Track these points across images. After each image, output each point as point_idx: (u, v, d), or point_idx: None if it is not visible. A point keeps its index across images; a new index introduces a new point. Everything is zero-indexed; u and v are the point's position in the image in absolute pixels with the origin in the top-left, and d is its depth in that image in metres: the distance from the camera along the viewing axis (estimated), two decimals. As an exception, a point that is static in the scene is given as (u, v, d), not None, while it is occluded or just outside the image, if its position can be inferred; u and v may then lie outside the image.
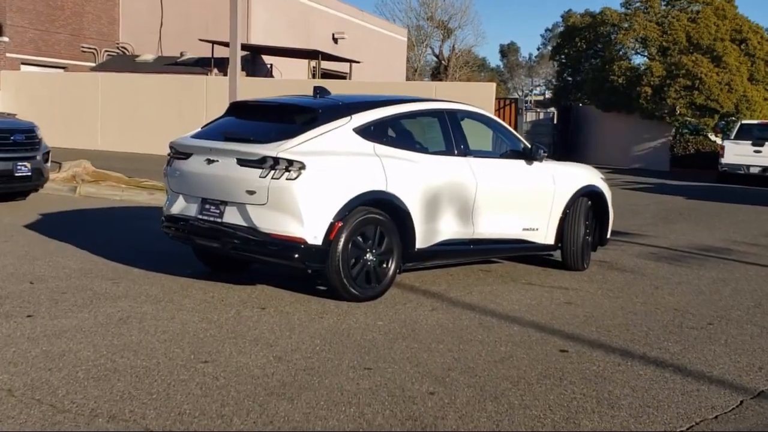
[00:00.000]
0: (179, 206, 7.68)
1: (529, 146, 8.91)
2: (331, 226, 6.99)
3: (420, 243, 7.68)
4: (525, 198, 8.72)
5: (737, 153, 26.02)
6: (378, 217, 7.31)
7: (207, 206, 7.39)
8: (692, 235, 13.45)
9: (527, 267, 9.47)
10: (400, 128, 7.87)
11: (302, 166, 6.85)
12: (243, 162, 7.05)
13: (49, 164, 13.10)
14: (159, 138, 25.83)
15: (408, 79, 57.63)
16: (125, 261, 8.65)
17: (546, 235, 8.98)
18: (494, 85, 23.85)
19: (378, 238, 7.36)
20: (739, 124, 27.77)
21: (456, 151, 8.13)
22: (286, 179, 6.84)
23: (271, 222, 6.95)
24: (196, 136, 7.79)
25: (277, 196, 6.88)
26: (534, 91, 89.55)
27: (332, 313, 6.91)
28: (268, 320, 6.57)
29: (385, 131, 7.66)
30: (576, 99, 38.79)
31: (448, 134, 8.14)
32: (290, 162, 6.86)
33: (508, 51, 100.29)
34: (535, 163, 8.85)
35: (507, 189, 8.54)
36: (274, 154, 6.90)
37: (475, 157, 8.27)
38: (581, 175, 9.38)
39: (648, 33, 33.40)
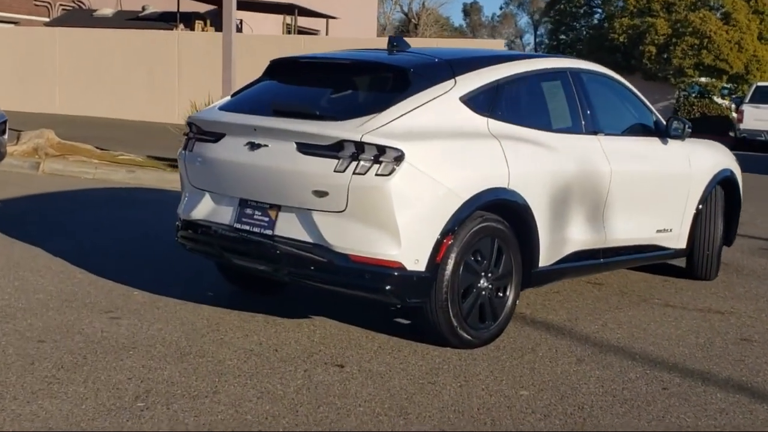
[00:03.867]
0: (204, 209, 5.36)
1: (663, 120, 6.71)
2: (439, 243, 4.75)
3: (544, 259, 5.47)
4: (660, 190, 6.54)
5: (758, 118, 24.04)
6: (496, 226, 5.08)
7: (249, 211, 5.09)
8: (781, 220, 11.39)
9: (643, 276, 7.29)
10: (516, 96, 5.59)
11: (400, 156, 4.58)
12: (308, 148, 4.76)
13: (5, 136, 10.57)
14: (125, 101, 23.22)
15: (378, 37, 54.86)
16: (119, 277, 6.32)
17: (679, 238, 6.81)
18: (502, 42, 21.60)
19: (495, 256, 5.12)
20: (754, 86, 25.78)
21: (584, 128, 5.91)
22: (377, 175, 4.57)
23: (351, 238, 4.69)
24: (228, 108, 5.44)
25: (361, 200, 4.61)
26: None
27: (443, 373, 4.67)
28: (358, 392, 4.32)
29: (500, 101, 5.37)
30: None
31: (574, 103, 5.90)
32: (382, 149, 4.59)
33: (470, 10, 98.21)
34: (670, 142, 6.64)
35: (642, 178, 6.35)
36: (357, 138, 4.61)
37: (605, 134, 6.05)
38: (716, 157, 7.20)
39: (650, -13, 31.22)
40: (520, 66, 5.61)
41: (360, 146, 4.61)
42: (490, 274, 5.11)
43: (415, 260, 4.69)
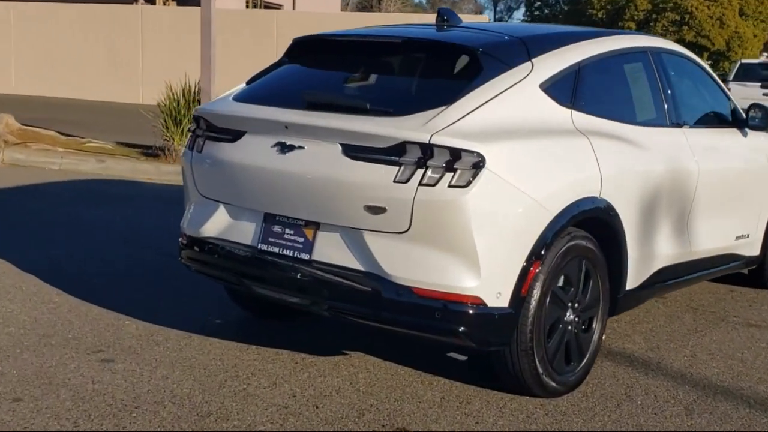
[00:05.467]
0: (217, 224, 4.31)
1: (741, 109, 5.79)
2: (525, 271, 3.76)
3: (631, 281, 4.53)
4: (741, 190, 5.64)
5: (744, 96, 23.24)
6: (585, 244, 4.10)
7: (277, 229, 4.06)
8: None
9: (706, 286, 6.37)
10: (599, 82, 4.58)
11: (479, 162, 3.57)
12: (358, 151, 3.73)
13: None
14: (86, 80, 21.82)
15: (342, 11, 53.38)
16: (104, 300, 5.26)
17: (753, 244, 5.91)
18: (487, 18, 20.59)
19: (583, 281, 4.14)
20: (738, 63, 25.08)
21: (668, 119, 4.95)
22: (450, 186, 3.56)
23: (414, 266, 3.68)
24: (246, 99, 4.37)
25: (430, 218, 3.61)
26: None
27: (533, 433, 3.69)
28: (438, 470, 3.32)
29: (582, 88, 4.36)
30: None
31: (656, 90, 4.94)
32: (456, 153, 3.58)
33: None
34: (750, 134, 5.72)
35: (727, 177, 5.43)
36: (424, 138, 3.59)
37: (690, 127, 5.10)
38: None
39: (629, -39, 30.40)
40: (600, 45, 4.61)
41: (428, 149, 3.59)
42: (576, 305, 4.14)
43: (497, 294, 3.70)
